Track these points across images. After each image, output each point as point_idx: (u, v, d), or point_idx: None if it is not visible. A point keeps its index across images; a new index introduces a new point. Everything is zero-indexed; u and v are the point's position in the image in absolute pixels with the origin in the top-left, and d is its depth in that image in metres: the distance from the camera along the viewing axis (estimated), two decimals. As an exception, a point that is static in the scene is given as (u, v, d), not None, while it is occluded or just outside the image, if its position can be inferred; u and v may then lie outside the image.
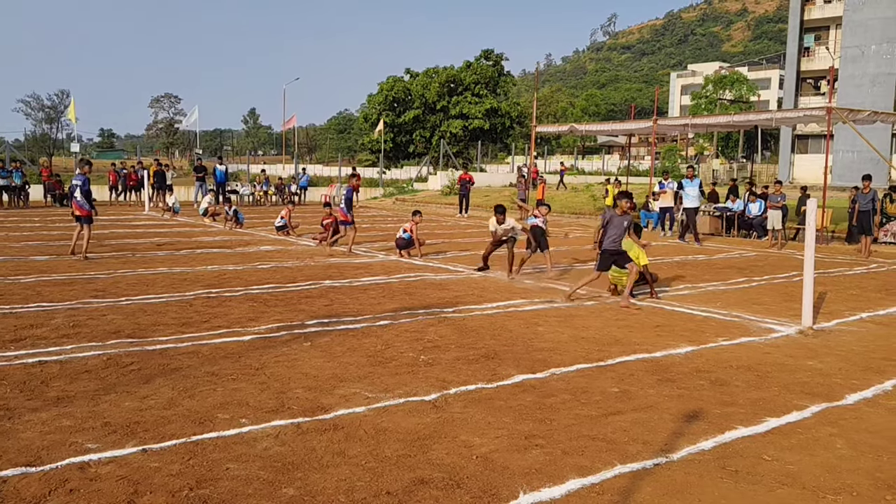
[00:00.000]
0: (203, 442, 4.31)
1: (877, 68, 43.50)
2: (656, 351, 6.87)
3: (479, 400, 5.28)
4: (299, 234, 17.55)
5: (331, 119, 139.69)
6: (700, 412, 5.12)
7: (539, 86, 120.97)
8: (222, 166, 29.72)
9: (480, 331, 7.57)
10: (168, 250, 14.00)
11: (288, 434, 4.48)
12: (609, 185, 24.93)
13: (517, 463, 4.15)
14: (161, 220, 21.77)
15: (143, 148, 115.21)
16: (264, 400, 5.12)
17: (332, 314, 8.23)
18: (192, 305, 8.52)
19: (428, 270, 12.08)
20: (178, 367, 5.88)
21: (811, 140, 46.76)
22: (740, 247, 17.45)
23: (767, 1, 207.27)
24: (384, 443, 4.40)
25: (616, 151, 78.26)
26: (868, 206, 16.05)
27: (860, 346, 7.30)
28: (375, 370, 5.99)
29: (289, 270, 11.72)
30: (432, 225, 22.16)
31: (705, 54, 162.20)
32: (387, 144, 57.44)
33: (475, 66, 60.77)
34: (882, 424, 4.97)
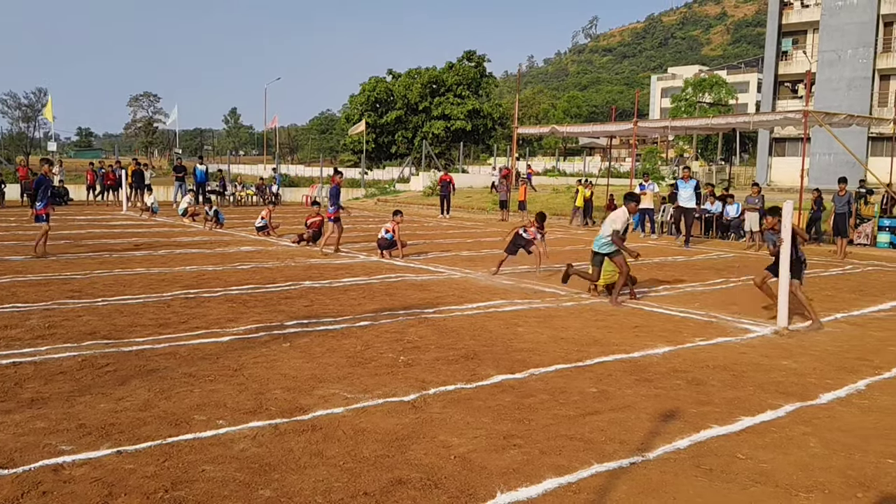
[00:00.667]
0: (179, 443, 4.28)
1: (853, 72, 44.13)
2: (634, 351, 6.93)
3: (458, 400, 5.30)
4: (280, 235, 17.47)
5: (313, 119, 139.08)
6: (676, 411, 5.17)
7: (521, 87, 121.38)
8: (202, 166, 29.52)
9: (460, 331, 7.58)
10: (146, 251, 13.87)
11: (265, 435, 4.46)
12: (580, 185, 24.96)
13: (495, 463, 4.16)
14: (139, 220, 21.57)
15: (122, 147, 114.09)
16: (242, 401, 5.09)
17: (312, 315, 8.20)
18: (169, 306, 8.45)
19: (409, 271, 12.08)
20: (154, 369, 5.84)
21: (788, 143, 47.33)
22: (719, 248, 17.63)
23: (747, 5, 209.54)
24: (362, 443, 4.40)
25: (597, 153, 78.63)
26: (843, 209, 16.28)
27: (834, 346, 7.41)
28: (355, 371, 5.98)
29: (269, 271, 11.66)
30: (414, 226, 22.15)
31: (685, 57, 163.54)
32: (369, 145, 57.31)
33: (457, 67, 60.82)
34: (854, 423, 5.05)
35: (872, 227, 18.87)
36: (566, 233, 21.09)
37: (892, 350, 7.25)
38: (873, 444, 4.63)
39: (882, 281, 12.46)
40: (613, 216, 9.75)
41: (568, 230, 22.10)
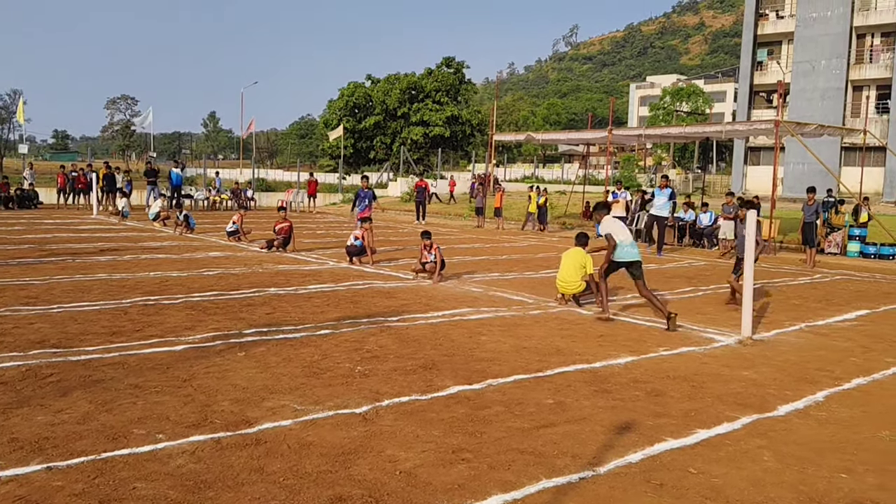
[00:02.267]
0: (113, 459, 4.11)
1: (826, 83, 44.76)
2: (596, 361, 6.85)
3: (410, 412, 5.17)
4: (251, 240, 17.24)
5: (293, 124, 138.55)
6: (632, 424, 5.09)
7: (501, 94, 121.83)
8: (178, 169, 29.17)
9: (422, 340, 7.46)
10: (111, 255, 13.60)
11: (206, 450, 4.31)
12: (532, 192, 25.26)
13: (441, 478, 4.05)
14: (109, 224, 21.22)
15: (99, 150, 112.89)
16: (186, 414, 4.93)
17: (273, 323, 8.04)
18: (126, 313, 8.25)
19: (378, 278, 11.94)
20: (100, 379, 5.65)
21: (763, 152, 47.84)
22: (691, 256, 17.69)
23: (724, 16, 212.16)
24: (306, 458, 4.26)
25: (576, 160, 79.06)
26: (812, 218, 16.40)
27: (797, 356, 7.39)
28: (308, 381, 5.84)
29: (235, 277, 11.47)
30: (388, 231, 22.03)
31: (664, 66, 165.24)
32: (347, 150, 57.09)
33: (436, 73, 60.87)
34: (810, 436, 5.00)
35: (843, 236, 19.05)
36: (540, 240, 21.08)
37: (853, 361, 7.24)
38: (827, 458, 4.58)
39: (849, 290, 12.54)
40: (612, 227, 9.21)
41: (542, 237, 22.09)
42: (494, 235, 22.21)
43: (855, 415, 5.51)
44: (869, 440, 4.95)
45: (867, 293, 12.21)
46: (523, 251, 17.44)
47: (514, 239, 20.98)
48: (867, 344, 8.09)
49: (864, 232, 18.91)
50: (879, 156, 41.47)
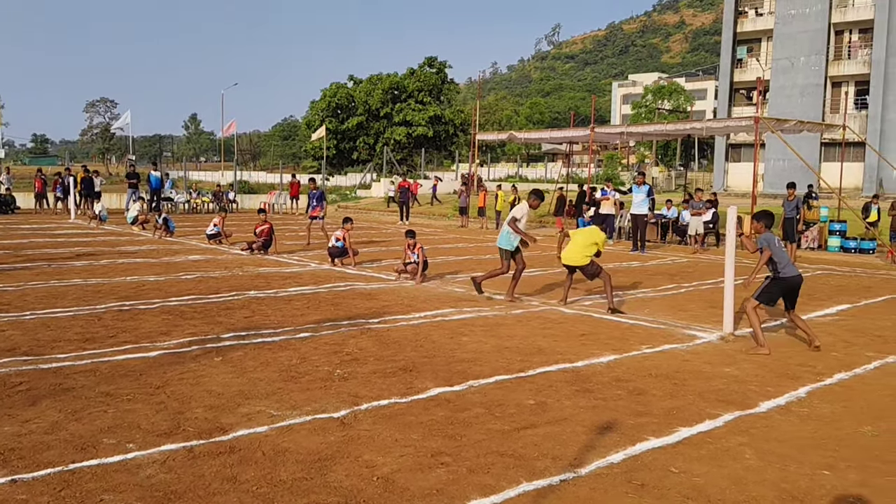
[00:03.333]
0: (81, 470, 3.99)
1: (805, 79, 45.14)
2: (579, 360, 6.79)
3: (389, 416, 5.09)
4: (232, 243, 17.06)
5: (275, 126, 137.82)
6: (613, 423, 5.03)
7: (484, 94, 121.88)
8: (157, 172, 28.87)
9: (402, 342, 7.37)
10: (87, 260, 13.39)
11: (177, 459, 4.20)
12: (499, 190, 25.48)
13: (419, 484, 3.96)
14: (87, 228, 20.93)
15: (79, 153, 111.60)
16: (158, 422, 4.81)
17: (251, 326, 7.92)
18: (100, 319, 8.09)
19: (360, 280, 11.83)
20: (70, 387, 5.51)
21: (744, 149, 48.17)
22: (674, 253, 17.72)
23: (704, 14, 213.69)
24: (281, 465, 4.16)
25: (560, 159, 79.30)
26: (792, 214, 16.48)
27: (778, 351, 7.36)
28: (286, 386, 5.73)
29: (214, 281, 11.31)
30: (372, 232, 21.92)
31: (645, 65, 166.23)
32: (330, 151, 56.84)
33: (419, 73, 60.73)
34: (792, 433, 4.97)
35: (822, 231, 19.17)
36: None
37: (835, 355, 7.24)
38: (809, 455, 4.55)
39: (830, 285, 12.59)
40: (515, 210, 10.11)
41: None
42: (478, 235, 22.16)
43: (836, 410, 5.48)
44: (851, 436, 4.93)
45: (848, 287, 12.26)
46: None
47: (495, 238, 20.92)
48: (848, 338, 8.10)
49: (843, 227, 19.03)
50: (859, 151, 41.90)
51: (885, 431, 5.04)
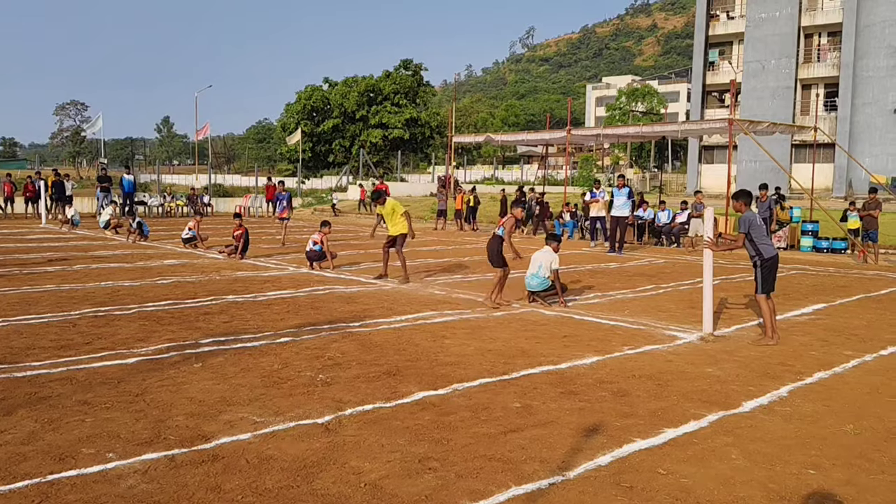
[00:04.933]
0: (60, 482, 3.88)
1: (776, 82, 45.84)
2: (562, 362, 6.79)
3: (374, 421, 5.03)
4: (208, 247, 16.85)
5: (250, 128, 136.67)
6: (600, 425, 5.02)
7: (459, 96, 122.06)
8: (130, 176, 28.46)
9: (385, 346, 7.32)
10: (60, 266, 13.13)
11: (159, 469, 4.10)
12: (460, 193, 25.98)
13: (407, 490, 3.91)
14: (59, 232, 20.55)
15: (49, 157, 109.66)
16: (138, 430, 4.70)
17: (231, 331, 7.81)
18: (75, 326, 7.92)
19: (339, 283, 11.74)
20: (46, 396, 5.38)
21: (717, 150, 48.77)
22: (651, 254, 17.85)
23: (676, 17, 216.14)
24: (266, 473, 4.09)
25: (535, 161, 79.64)
26: (765, 214, 16.70)
27: (758, 351, 7.44)
28: (268, 392, 5.65)
29: (191, 285, 11.15)
30: (349, 235, 21.79)
31: (619, 68, 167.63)
32: (305, 154, 56.52)
33: (394, 75, 60.67)
34: (776, 432, 5.00)
35: (794, 231, 19.44)
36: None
37: (813, 355, 7.32)
38: (795, 455, 4.58)
39: (805, 284, 12.76)
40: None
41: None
42: (456, 237, 22.14)
43: (818, 409, 5.54)
44: (834, 435, 4.97)
45: (823, 287, 12.44)
46: (485, 252, 17.36)
47: (476, 240, 20.92)
48: (826, 337, 8.20)
49: (815, 227, 19.33)
50: (829, 152, 42.63)
51: (866, 429, 5.09)
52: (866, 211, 16.62)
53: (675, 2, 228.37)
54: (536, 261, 9.87)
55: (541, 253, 9.91)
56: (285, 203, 18.64)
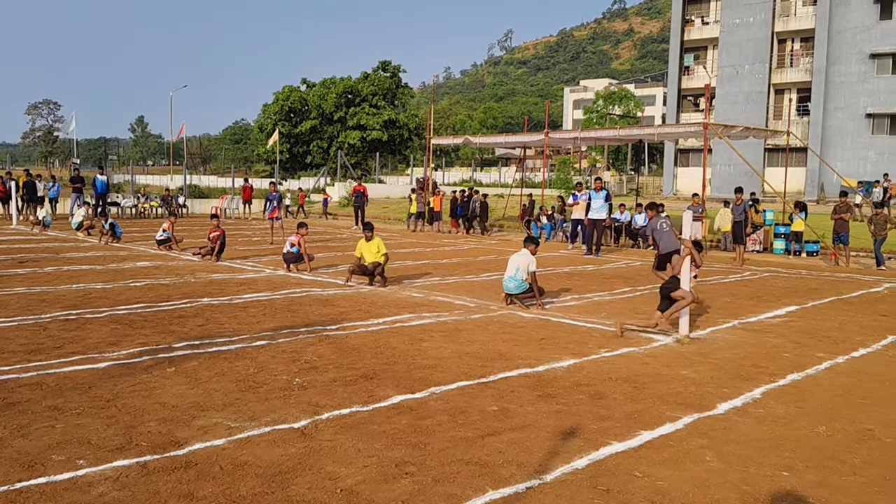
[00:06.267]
0: (28, 489, 3.80)
1: (750, 87, 46.45)
2: (539, 365, 6.80)
3: (351, 425, 5.00)
4: (183, 249, 16.66)
5: (226, 129, 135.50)
6: (577, 428, 5.04)
7: (437, 98, 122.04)
8: (103, 176, 28.05)
9: (362, 349, 7.28)
10: (31, 268, 12.90)
11: (131, 476, 4.04)
12: (412, 194, 26.24)
13: (383, 495, 3.89)
14: (30, 234, 20.20)
15: (20, 157, 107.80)
16: (109, 437, 4.62)
17: (206, 335, 7.72)
18: (45, 329, 7.78)
19: (316, 285, 11.67)
20: (15, 402, 5.27)
21: (692, 154, 49.30)
22: (628, 257, 17.97)
23: (652, 22, 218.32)
24: (240, 479, 4.04)
25: (513, 163, 79.86)
26: (740, 217, 16.91)
27: (732, 353, 7.52)
28: (243, 396, 5.59)
29: (164, 288, 11.01)
30: (326, 237, 21.68)
31: (596, 71, 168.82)
32: (283, 155, 56.15)
33: (373, 77, 60.49)
34: (750, 434, 5.05)
35: (767, 234, 19.69)
36: (480, 243, 21.08)
37: (786, 357, 7.41)
38: (769, 457, 4.62)
39: (778, 287, 12.92)
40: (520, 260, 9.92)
41: (481, 241, 22.11)
42: (434, 239, 22.12)
43: (791, 411, 5.60)
44: (806, 436, 5.03)
45: (795, 289, 12.61)
46: (463, 254, 17.40)
47: (454, 242, 20.93)
48: (798, 339, 8.31)
49: (788, 230, 19.59)
50: (801, 156, 43.28)
51: (838, 431, 5.16)
52: (838, 214, 16.87)
53: (652, 6, 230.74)
54: (514, 263, 9.87)
55: (518, 256, 9.93)
56: (276, 203, 19.33)
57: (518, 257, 9.89)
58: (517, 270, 9.80)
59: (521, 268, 9.77)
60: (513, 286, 9.88)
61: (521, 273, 9.76)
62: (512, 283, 9.87)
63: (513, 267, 9.86)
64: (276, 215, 19.35)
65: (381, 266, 11.60)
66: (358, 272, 11.76)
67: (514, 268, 9.83)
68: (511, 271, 9.87)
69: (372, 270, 11.57)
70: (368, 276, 11.70)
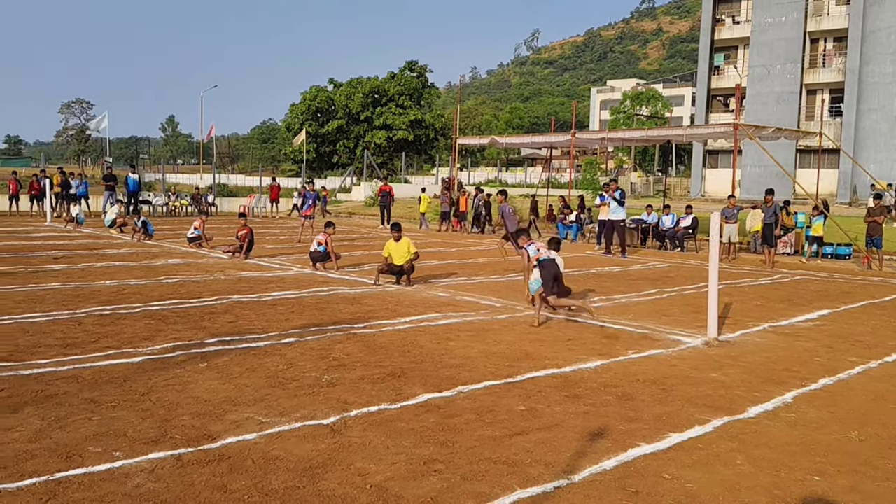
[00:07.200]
0: (67, 479, 3.90)
1: (782, 87, 45.80)
2: (566, 366, 6.80)
3: (380, 422, 5.04)
4: (213, 247, 16.88)
5: (254, 128, 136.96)
6: (605, 429, 5.03)
7: (464, 98, 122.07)
8: (135, 175, 28.54)
9: (390, 347, 7.33)
10: (65, 264, 13.17)
11: (166, 468, 4.12)
12: (423, 194, 27.01)
13: (412, 492, 3.92)
14: (63, 231, 20.60)
15: (54, 155, 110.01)
16: (145, 429, 4.72)
17: (236, 332, 7.82)
18: (81, 324, 7.95)
19: (343, 284, 11.76)
20: (53, 394, 5.40)
21: (721, 155, 48.74)
22: (655, 258, 17.84)
23: (681, 21, 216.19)
24: (272, 473, 4.10)
25: (539, 164, 79.60)
26: (771, 219, 16.69)
27: (763, 356, 7.44)
28: (273, 392, 5.66)
29: (195, 285, 11.18)
30: (353, 236, 21.81)
31: (623, 71, 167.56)
32: (310, 154, 56.56)
33: (399, 77, 60.70)
34: (781, 438, 5.00)
35: (798, 236, 19.40)
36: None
37: (818, 361, 7.32)
38: (800, 461, 4.58)
39: (810, 290, 12.74)
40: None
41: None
42: (459, 239, 22.15)
43: (823, 416, 5.53)
44: (838, 441, 4.97)
45: (827, 293, 12.42)
46: (489, 255, 17.39)
47: (479, 242, 20.94)
48: (830, 343, 8.19)
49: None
50: (833, 158, 42.59)
51: (871, 436, 5.09)
52: (871, 217, 16.57)
53: (681, 6, 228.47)
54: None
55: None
56: (311, 202, 20.38)
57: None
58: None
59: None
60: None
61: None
62: (537, 285, 9.77)
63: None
64: (311, 213, 20.07)
65: (412, 265, 11.67)
66: (386, 271, 11.83)
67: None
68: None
69: (405, 270, 11.59)
70: (396, 275, 11.76)
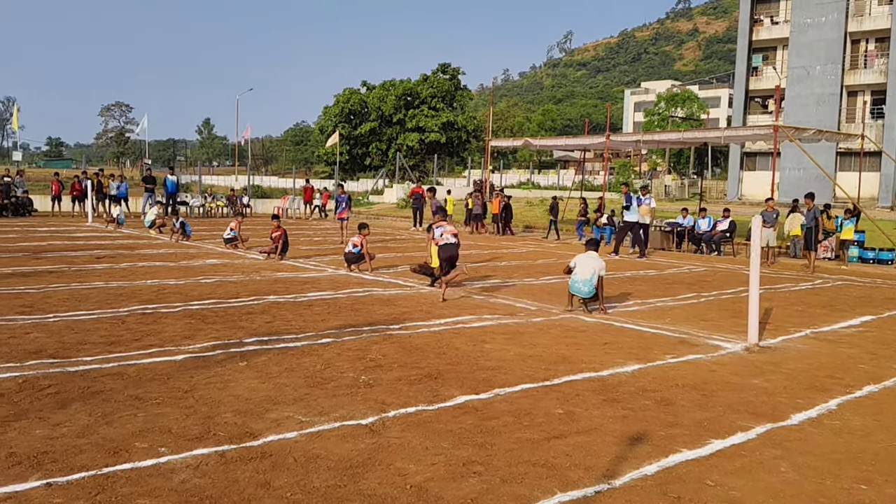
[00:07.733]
0: (115, 474, 3.99)
1: (822, 88, 44.89)
2: (603, 369, 6.75)
3: (418, 423, 5.07)
4: (249, 248, 17.10)
5: (287, 131, 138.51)
6: (644, 434, 4.99)
7: (496, 100, 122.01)
8: (173, 177, 29.05)
9: (425, 349, 7.35)
10: (107, 263, 13.46)
11: (210, 464, 4.19)
12: (449, 196, 27.38)
13: (452, 493, 3.94)
14: (104, 231, 21.06)
15: (94, 157, 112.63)
16: (189, 426, 4.81)
17: (273, 331, 7.92)
18: (124, 322, 8.12)
19: (377, 285, 11.83)
20: (99, 391, 5.53)
21: (759, 157, 47.94)
22: (690, 262, 17.62)
23: (718, 22, 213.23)
24: (313, 472, 4.15)
25: (572, 166, 79.14)
26: (811, 223, 16.37)
27: (805, 363, 7.30)
28: (312, 392, 5.72)
29: (233, 285, 11.34)
30: (386, 238, 21.93)
31: (658, 72, 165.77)
32: (343, 157, 57.00)
33: (432, 79, 60.86)
34: (826, 446, 4.91)
35: (836, 241, 19.00)
36: (539, 246, 21.00)
37: (862, 368, 7.16)
38: (845, 469, 4.49)
39: (852, 296, 12.47)
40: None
41: (540, 244, 22.02)
42: (493, 242, 22.13)
43: (868, 423, 5.42)
44: (885, 450, 4.86)
45: (870, 298, 12.14)
46: (523, 257, 17.36)
47: (512, 245, 20.90)
48: (875, 350, 8.01)
49: (861, 237, 18.87)
50: (875, 161, 41.60)
51: (920, 446, 4.97)
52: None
53: (717, 6, 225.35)
54: (587, 267, 9.63)
55: (589, 259, 9.70)
56: (344, 205, 20.57)
57: (591, 261, 9.68)
58: (592, 274, 9.61)
59: (596, 271, 9.61)
60: (586, 290, 9.67)
61: (595, 277, 9.60)
62: (586, 286, 9.65)
63: (588, 270, 9.63)
64: (345, 216, 20.29)
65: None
66: (419, 271, 11.90)
67: (591, 271, 9.62)
68: (586, 274, 9.63)
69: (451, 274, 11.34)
70: (432, 277, 11.79)
